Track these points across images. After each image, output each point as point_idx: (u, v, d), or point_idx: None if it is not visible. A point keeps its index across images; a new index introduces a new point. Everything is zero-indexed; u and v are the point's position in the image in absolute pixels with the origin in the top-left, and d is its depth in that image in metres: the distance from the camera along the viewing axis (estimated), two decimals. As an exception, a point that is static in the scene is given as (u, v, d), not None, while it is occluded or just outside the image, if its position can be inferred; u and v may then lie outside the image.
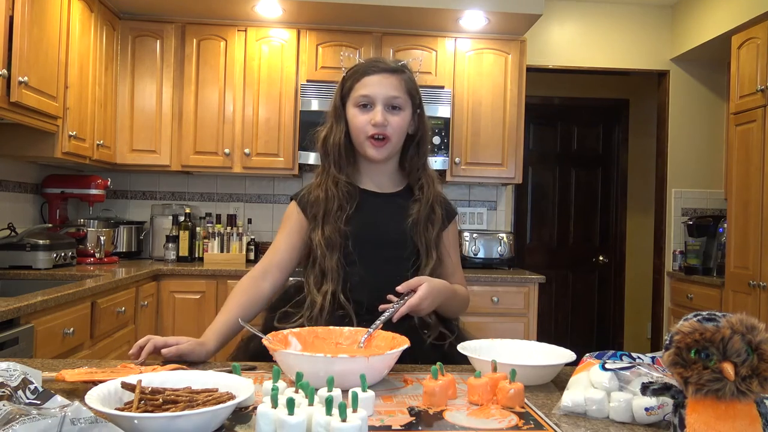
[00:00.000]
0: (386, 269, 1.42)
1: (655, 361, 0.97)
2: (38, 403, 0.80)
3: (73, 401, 0.75)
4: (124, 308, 2.79)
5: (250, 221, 3.88)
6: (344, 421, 0.77)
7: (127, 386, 0.87)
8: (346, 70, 1.52)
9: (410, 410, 0.95)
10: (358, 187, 1.49)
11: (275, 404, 0.81)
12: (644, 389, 0.83)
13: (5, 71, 2.28)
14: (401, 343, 1.13)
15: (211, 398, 0.85)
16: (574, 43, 4.29)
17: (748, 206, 3.42)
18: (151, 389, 0.87)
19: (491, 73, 3.75)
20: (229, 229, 3.68)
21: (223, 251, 3.60)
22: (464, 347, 1.19)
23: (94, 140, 3.20)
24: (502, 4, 3.42)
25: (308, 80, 3.61)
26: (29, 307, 1.94)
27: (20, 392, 0.82)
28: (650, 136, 4.78)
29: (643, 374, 0.92)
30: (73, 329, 2.24)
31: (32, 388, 0.83)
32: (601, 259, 5.32)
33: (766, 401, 0.77)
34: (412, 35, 3.71)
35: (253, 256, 3.70)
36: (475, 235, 3.72)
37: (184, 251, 3.62)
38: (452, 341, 1.37)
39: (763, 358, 0.73)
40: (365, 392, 0.89)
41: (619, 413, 0.91)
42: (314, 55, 3.65)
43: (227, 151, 3.60)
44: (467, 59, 3.74)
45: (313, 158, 3.49)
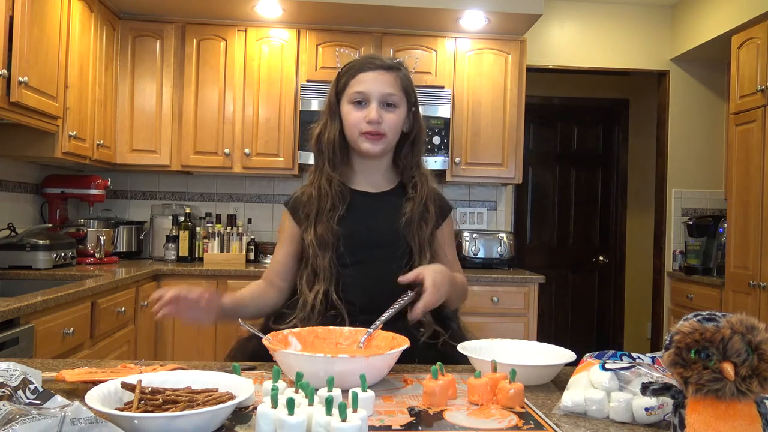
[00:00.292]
0: (379, 269, 1.41)
1: (655, 361, 0.97)
2: (38, 403, 0.80)
3: (73, 401, 0.75)
4: (124, 308, 2.79)
5: (250, 221, 3.88)
6: (344, 421, 0.77)
7: (127, 386, 0.87)
8: (341, 66, 1.51)
9: (410, 410, 0.95)
10: (349, 187, 1.48)
11: (275, 404, 0.81)
12: (644, 389, 0.83)
13: (5, 71, 2.28)
14: (401, 343, 1.13)
15: (211, 398, 0.85)
16: (574, 43, 4.29)
17: (748, 206, 3.42)
18: (151, 389, 0.87)
19: (491, 73, 3.75)
20: (229, 229, 3.68)
21: (223, 251, 3.60)
22: (464, 347, 1.19)
23: (94, 140, 3.20)
24: (502, 4, 3.42)
25: (308, 80, 3.61)
26: (29, 307, 1.94)
27: (20, 392, 0.82)
28: (650, 136, 4.78)
29: (643, 374, 0.92)
30: (73, 329, 2.24)
31: (32, 388, 0.83)
32: (601, 259, 5.32)
33: (766, 401, 0.77)
34: (412, 35, 3.71)
35: (253, 256, 3.70)
36: (475, 235, 3.72)
37: (184, 251, 3.62)
38: (446, 339, 1.37)
39: (763, 358, 0.73)
40: (365, 392, 0.89)
41: (619, 413, 0.91)
42: (314, 55, 3.65)
43: (227, 151, 3.60)
44: (467, 59, 3.74)
45: (313, 158, 3.48)
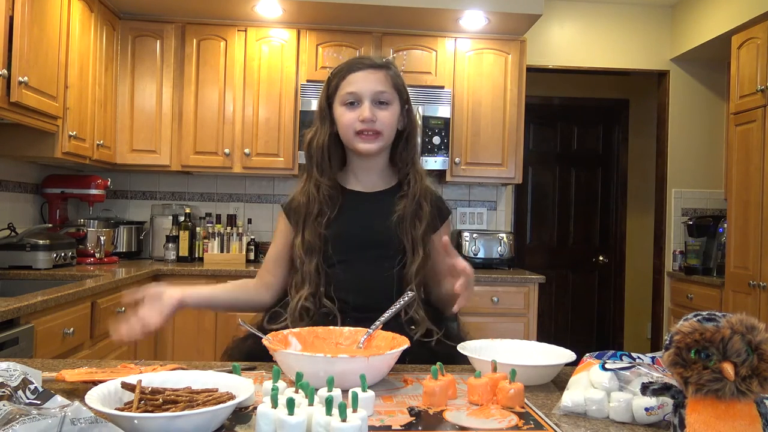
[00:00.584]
0: (371, 268, 1.42)
1: (655, 361, 0.97)
2: (38, 403, 0.80)
3: (73, 401, 0.75)
4: (124, 308, 2.77)
5: (250, 221, 3.88)
6: (344, 421, 0.77)
7: (127, 386, 0.87)
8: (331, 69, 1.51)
9: (410, 410, 0.95)
10: (343, 187, 1.49)
11: (275, 404, 0.81)
12: (644, 389, 0.83)
13: (5, 71, 2.28)
14: (401, 343, 1.13)
15: (211, 398, 0.85)
16: (574, 43, 4.29)
17: (748, 206, 3.42)
18: (151, 389, 0.87)
19: (491, 73, 3.75)
20: (229, 229, 3.68)
21: (223, 251, 3.60)
22: (464, 347, 1.19)
23: (94, 140, 3.20)
24: (502, 4, 3.42)
25: (308, 80, 3.60)
26: (29, 307, 1.94)
27: (20, 392, 0.82)
28: (650, 136, 4.78)
29: (643, 374, 0.92)
30: (73, 329, 2.24)
31: (32, 388, 0.83)
32: (601, 259, 5.31)
33: (766, 401, 0.77)
34: (412, 35, 3.71)
35: (253, 256, 3.70)
36: (475, 235, 3.72)
37: (184, 251, 3.62)
38: (441, 338, 1.37)
39: (763, 358, 0.73)
40: (365, 392, 0.89)
41: (619, 413, 0.91)
42: (314, 55, 3.65)
43: (227, 151, 3.60)
44: (467, 59, 3.74)
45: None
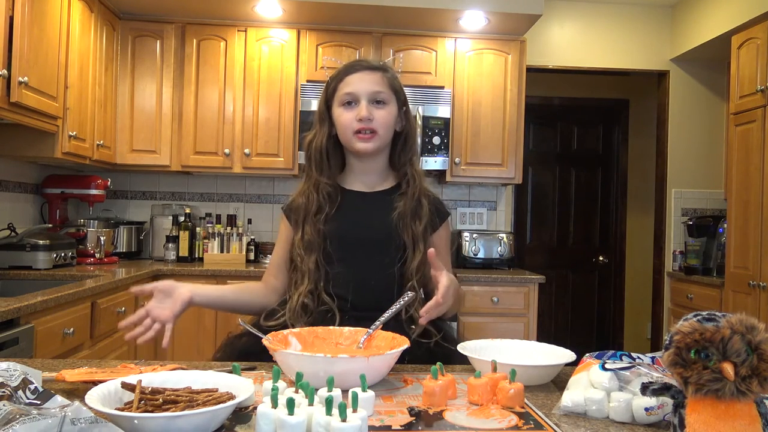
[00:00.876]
0: (371, 266, 1.43)
1: (655, 361, 0.97)
2: (38, 403, 0.80)
3: (73, 401, 0.75)
4: (124, 308, 2.79)
5: (250, 221, 3.88)
6: (344, 421, 0.77)
7: (127, 386, 0.87)
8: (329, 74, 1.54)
9: (410, 410, 0.95)
10: (341, 187, 1.51)
11: (275, 404, 0.81)
12: (644, 389, 0.83)
13: (5, 71, 2.28)
14: (401, 343, 1.13)
15: (211, 398, 0.85)
16: (574, 43, 4.29)
17: (748, 206, 3.42)
18: (151, 389, 0.87)
19: (491, 73, 3.75)
20: (229, 229, 3.68)
21: (223, 251, 3.60)
22: (464, 347, 1.19)
23: (94, 140, 3.20)
24: (502, 4, 3.42)
25: (308, 80, 3.60)
26: (29, 307, 1.94)
27: (20, 392, 0.82)
28: (650, 136, 4.78)
29: (643, 374, 0.92)
30: (73, 329, 2.24)
31: (32, 388, 0.83)
32: (601, 259, 5.31)
33: (766, 401, 0.77)
34: (412, 35, 3.71)
35: (253, 256, 3.70)
36: (475, 235, 3.71)
37: (184, 251, 3.62)
38: (439, 340, 1.37)
39: (762, 358, 0.73)
40: (365, 392, 0.89)
41: (619, 413, 0.91)
42: (314, 55, 3.65)
43: (227, 151, 3.60)
44: (467, 59, 3.74)
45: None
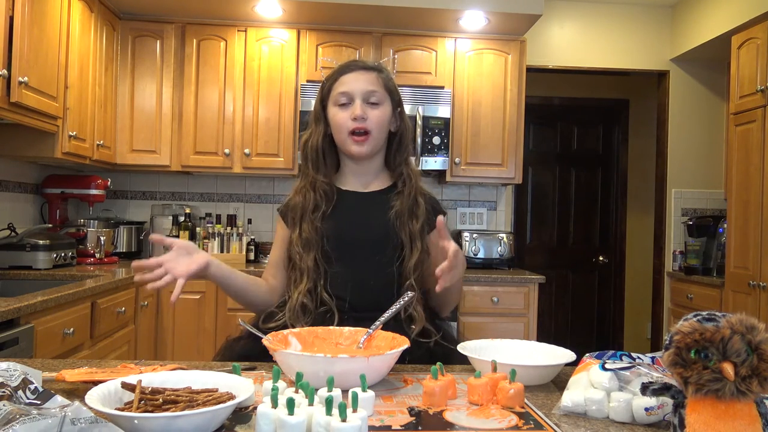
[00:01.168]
0: (368, 265, 1.43)
1: (655, 361, 0.97)
2: (38, 403, 0.80)
3: (73, 401, 0.75)
4: (124, 308, 2.79)
5: (250, 221, 3.88)
6: (344, 421, 0.77)
7: (127, 386, 0.87)
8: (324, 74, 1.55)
9: (410, 410, 0.95)
10: (337, 187, 1.51)
11: (275, 404, 0.81)
12: (644, 389, 0.83)
13: (5, 71, 2.28)
14: (401, 343, 1.13)
15: (211, 398, 0.85)
16: (574, 43, 4.29)
17: (748, 206, 3.42)
18: (151, 389, 0.87)
19: (491, 73, 3.75)
20: (229, 229, 3.67)
21: (223, 251, 3.60)
22: (464, 347, 1.19)
23: (94, 140, 3.20)
24: (502, 4, 3.42)
25: (308, 80, 3.60)
26: (29, 307, 1.94)
27: (20, 392, 0.82)
28: (650, 136, 4.78)
29: (643, 374, 0.92)
30: (73, 329, 2.24)
31: (32, 388, 0.83)
32: (601, 259, 5.31)
33: (765, 401, 0.77)
34: (412, 35, 3.71)
35: (253, 256, 3.70)
36: (475, 235, 3.72)
37: (184, 251, 3.61)
38: (439, 340, 1.37)
39: (762, 358, 0.73)
40: (365, 392, 0.90)
41: (619, 413, 0.91)
42: (314, 55, 3.64)
43: (227, 151, 3.60)
44: (467, 59, 3.74)
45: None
